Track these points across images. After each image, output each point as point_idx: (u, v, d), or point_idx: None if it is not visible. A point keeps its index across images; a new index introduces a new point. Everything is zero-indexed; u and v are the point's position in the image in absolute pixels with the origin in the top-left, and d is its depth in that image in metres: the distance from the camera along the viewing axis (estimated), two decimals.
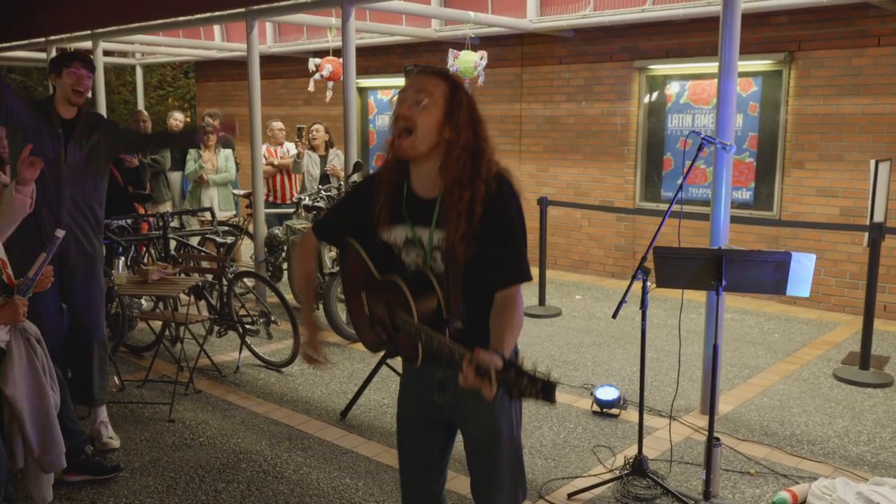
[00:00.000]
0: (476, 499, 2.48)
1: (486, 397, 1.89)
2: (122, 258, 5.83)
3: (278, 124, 8.43)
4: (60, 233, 3.19)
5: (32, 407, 3.07)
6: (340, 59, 6.78)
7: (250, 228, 7.82)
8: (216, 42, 11.82)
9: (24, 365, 3.05)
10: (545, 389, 1.82)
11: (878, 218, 5.40)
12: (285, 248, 7.39)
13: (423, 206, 2.24)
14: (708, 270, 3.57)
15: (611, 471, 4.04)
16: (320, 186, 7.59)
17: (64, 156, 4.08)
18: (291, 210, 7.69)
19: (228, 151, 8.67)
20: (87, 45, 9.54)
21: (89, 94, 4.32)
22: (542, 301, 7.34)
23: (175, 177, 8.94)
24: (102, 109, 9.46)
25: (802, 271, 3.47)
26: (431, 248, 2.22)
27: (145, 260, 6.77)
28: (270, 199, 8.25)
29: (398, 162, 2.27)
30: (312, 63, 7.87)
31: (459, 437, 2.49)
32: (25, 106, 4.11)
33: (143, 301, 6.39)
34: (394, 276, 2.20)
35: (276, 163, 8.25)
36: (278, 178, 8.28)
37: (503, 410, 2.32)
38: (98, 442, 4.30)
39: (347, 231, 2.40)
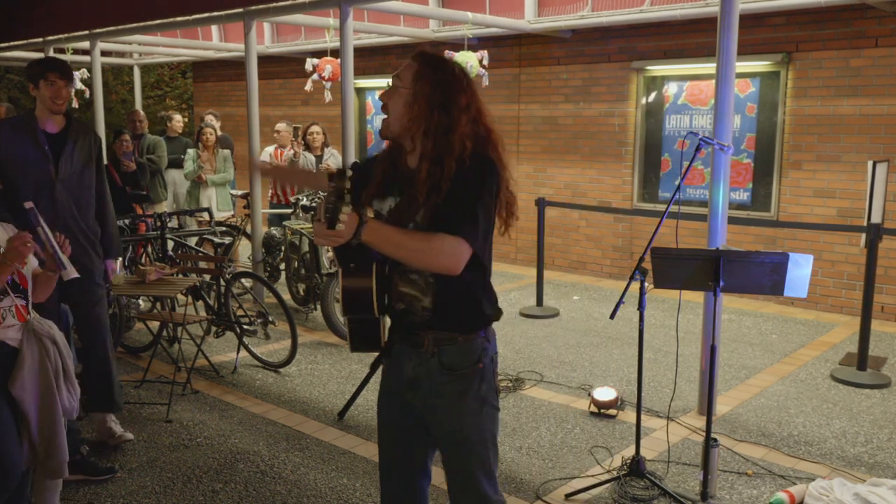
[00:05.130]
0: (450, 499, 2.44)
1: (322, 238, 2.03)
2: (120, 258, 5.82)
3: (282, 125, 8.39)
4: (28, 205, 3.04)
5: (38, 410, 3.05)
6: (339, 60, 6.78)
7: (248, 229, 7.81)
8: (214, 42, 11.81)
9: (34, 367, 3.02)
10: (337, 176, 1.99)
11: (876, 219, 5.41)
12: (283, 248, 7.39)
13: (409, 176, 2.25)
14: (705, 271, 3.58)
15: (608, 471, 4.04)
16: None
17: (55, 171, 3.96)
18: (290, 210, 7.69)
19: (227, 152, 8.67)
20: (85, 45, 9.54)
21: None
22: (539, 302, 7.34)
23: (175, 176, 8.93)
24: (100, 109, 9.45)
25: (800, 272, 3.48)
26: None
27: (143, 260, 6.76)
28: (274, 200, 8.24)
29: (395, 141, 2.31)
30: (310, 63, 7.86)
31: None
32: (3, 148, 3.95)
33: (140, 301, 6.38)
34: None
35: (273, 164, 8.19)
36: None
37: (472, 413, 2.29)
38: (112, 438, 4.33)
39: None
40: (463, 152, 2.17)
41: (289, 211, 7.73)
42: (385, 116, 2.27)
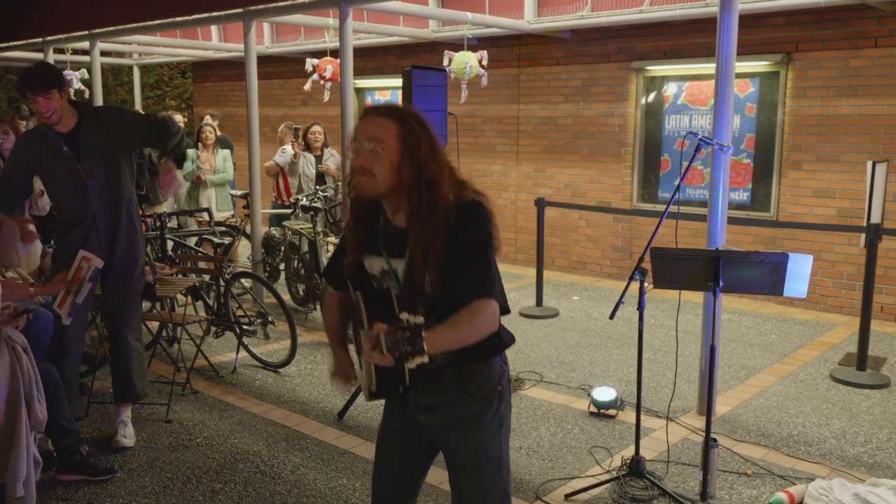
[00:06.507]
0: None
1: (386, 363, 1.99)
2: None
3: (281, 127, 8.39)
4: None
5: (2, 420, 3.00)
6: (338, 60, 6.78)
7: (247, 229, 7.81)
8: (214, 42, 11.81)
9: (6, 375, 2.99)
10: (413, 332, 1.91)
11: (875, 219, 5.41)
12: (282, 248, 7.39)
13: (398, 236, 2.22)
14: (705, 271, 3.57)
15: (608, 472, 4.04)
16: (317, 187, 7.59)
17: (81, 170, 4.03)
18: (290, 211, 7.70)
19: (227, 152, 8.66)
20: (85, 45, 9.54)
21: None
22: (539, 302, 7.34)
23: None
24: None
25: (799, 272, 3.48)
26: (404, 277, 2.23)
27: None
28: (275, 199, 8.25)
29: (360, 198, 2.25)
30: (310, 63, 7.87)
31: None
32: (24, 158, 4.11)
33: None
34: (356, 292, 2.21)
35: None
36: (280, 178, 8.24)
37: (491, 434, 2.31)
38: (112, 439, 4.34)
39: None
40: (448, 202, 2.15)
41: (288, 211, 7.73)
42: (364, 177, 2.16)
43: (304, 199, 7.20)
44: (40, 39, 9.65)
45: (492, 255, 2.17)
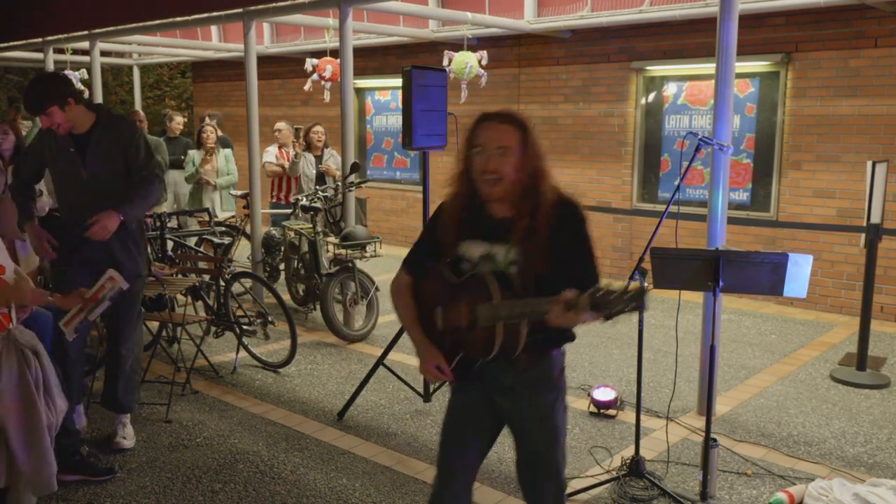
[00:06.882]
0: (531, 489, 2.69)
1: (573, 324, 2.28)
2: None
3: (282, 124, 8.37)
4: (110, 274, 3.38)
5: (20, 423, 2.97)
6: (338, 60, 6.78)
7: (247, 229, 7.81)
8: (213, 42, 11.81)
9: (13, 378, 2.95)
10: (635, 297, 2.10)
11: (875, 219, 5.41)
12: (282, 248, 7.39)
13: (499, 225, 2.45)
14: (705, 271, 3.58)
15: (608, 472, 4.04)
16: (317, 187, 7.59)
17: (84, 172, 4.06)
18: (290, 211, 7.70)
19: (228, 152, 8.66)
20: (85, 45, 9.54)
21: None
22: None
23: (175, 176, 8.92)
24: None
25: (799, 272, 3.48)
26: (508, 262, 2.42)
27: None
28: (274, 199, 8.25)
29: (469, 191, 2.48)
30: (310, 63, 7.87)
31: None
32: (37, 151, 4.24)
33: None
34: (478, 271, 2.41)
35: (285, 165, 8.20)
36: (285, 178, 8.25)
37: (561, 416, 2.61)
38: (113, 439, 4.34)
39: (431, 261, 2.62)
40: (548, 198, 2.41)
41: (288, 211, 7.73)
42: (497, 186, 2.40)
43: (304, 199, 7.19)
44: (40, 39, 9.65)
45: (594, 248, 2.46)
